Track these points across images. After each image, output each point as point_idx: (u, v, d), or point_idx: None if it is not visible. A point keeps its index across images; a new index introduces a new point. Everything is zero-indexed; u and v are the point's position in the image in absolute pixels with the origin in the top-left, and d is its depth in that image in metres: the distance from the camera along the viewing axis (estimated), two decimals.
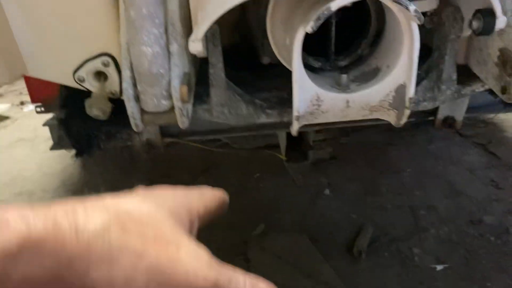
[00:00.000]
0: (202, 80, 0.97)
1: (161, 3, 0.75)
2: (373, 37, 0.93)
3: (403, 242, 1.75)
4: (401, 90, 0.81)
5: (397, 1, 0.69)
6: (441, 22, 0.93)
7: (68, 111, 1.02)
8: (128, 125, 0.84)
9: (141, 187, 0.38)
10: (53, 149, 1.22)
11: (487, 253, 1.67)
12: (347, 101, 0.83)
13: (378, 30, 0.93)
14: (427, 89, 0.99)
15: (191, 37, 0.77)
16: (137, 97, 0.81)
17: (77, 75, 0.90)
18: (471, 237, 1.75)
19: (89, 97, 0.88)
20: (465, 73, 1.01)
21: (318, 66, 0.95)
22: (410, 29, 0.74)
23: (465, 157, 2.23)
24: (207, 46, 0.88)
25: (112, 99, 0.92)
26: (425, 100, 1.00)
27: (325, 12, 0.67)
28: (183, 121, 0.82)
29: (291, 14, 0.83)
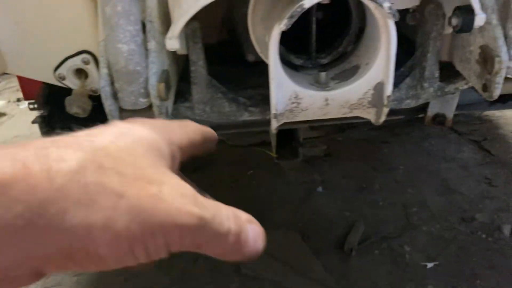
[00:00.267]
0: (186, 77, 0.97)
1: (137, 1, 0.75)
2: (355, 34, 0.92)
3: (394, 239, 1.75)
4: (379, 88, 0.81)
5: None
6: (423, 19, 0.93)
7: (51, 108, 1.02)
8: None
9: (116, 121, 0.35)
10: None
11: (478, 251, 1.67)
12: (326, 99, 0.83)
13: (360, 27, 0.93)
14: (410, 87, 0.98)
15: (168, 34, 0.76)
16: (115, 95, 0.81)
17: (58, 73, 0.90)
18: (463, 235, 1.74)
19: (69, 94, 0.88)
20: (449, 71, 1.01)
21: (299, 63, 0.95)
22: (386, 26, 0.74)
23: (459, 154, 2.22)
24: (187, 43, 0.88)
25: (94, 97, 0.92)
26: (408, 98, 0.99)
27: (298, 9, 0.66)
28: (161, 118, 0.82)
29: (270, 11, 0.83)
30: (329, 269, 1.63)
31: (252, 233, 0.33)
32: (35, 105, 1.21)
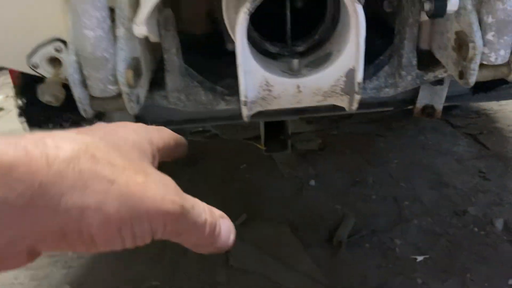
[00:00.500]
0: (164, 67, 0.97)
1: None
2: (330, 22, 0.91)
3: (385, 233, 1.73)
4: (351, 74, 0.80)
5: None
6: (400, 5, 0.92)
7: (27, 98, 1.02)
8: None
9: (102, 123, 0.39)
10: None
11: (469, 244, 1.65)
12: (298, 86, 0.82)
13: (335, 15, 0.91)
14: (388, 75, 0.97)
15: (135, 20, 0.76)
16: (84, 82, 0.80)
17: (31, 61, 0.90)
18: (454, 228, 1.73)
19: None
20: (429, 59, 0.99)
21: (275, 51, 0.94)
22: (355, 11, 0.73)
23: (454, 148, 2.20)
24: (159, 31, 0.87)
25: (68, 86, 0.92)
26: (387, 86, 0.98)
27: None
28: (131, 106, 0.82)
29: None
30: (318, 262, 1.62)
31: (224, 227, 0.37)
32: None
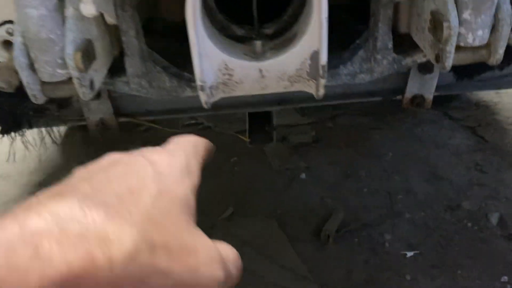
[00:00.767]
0: None
1: None
2: (299, 3, 0.86)
3: (375, 227, 1.68)
4: (316, 57, 0.74)
5: None
6: None
7: None
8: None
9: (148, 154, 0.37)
10: None
11: (462, 240, 1.59)
12: (260, 70, 0.76)
13: None
14: (363, 60, 0.91)
15: None
16: (32, 66, 0.75)
17: None
18: (447, 223, 1.67)
19: None
20: (410, 43, 0.93)
21: (242, 34, 0.88)
22: None
23: (451, 141, 2.13)
24: (116, 11, 0.82)
25: None
26: (362, 72, 0.92)
27: None
28: (83, 91, 0.77)
29: None
30: (304, 257, 1.57)
31: (237, 272, 0.38)
32: None
